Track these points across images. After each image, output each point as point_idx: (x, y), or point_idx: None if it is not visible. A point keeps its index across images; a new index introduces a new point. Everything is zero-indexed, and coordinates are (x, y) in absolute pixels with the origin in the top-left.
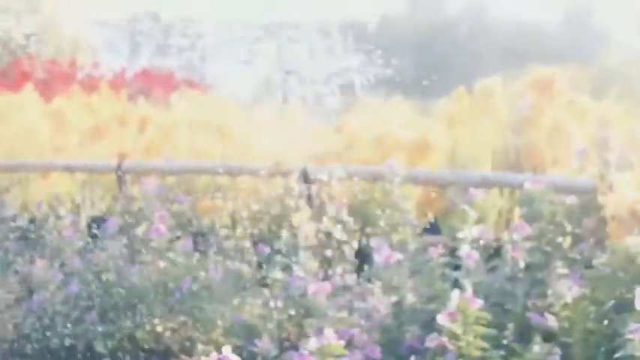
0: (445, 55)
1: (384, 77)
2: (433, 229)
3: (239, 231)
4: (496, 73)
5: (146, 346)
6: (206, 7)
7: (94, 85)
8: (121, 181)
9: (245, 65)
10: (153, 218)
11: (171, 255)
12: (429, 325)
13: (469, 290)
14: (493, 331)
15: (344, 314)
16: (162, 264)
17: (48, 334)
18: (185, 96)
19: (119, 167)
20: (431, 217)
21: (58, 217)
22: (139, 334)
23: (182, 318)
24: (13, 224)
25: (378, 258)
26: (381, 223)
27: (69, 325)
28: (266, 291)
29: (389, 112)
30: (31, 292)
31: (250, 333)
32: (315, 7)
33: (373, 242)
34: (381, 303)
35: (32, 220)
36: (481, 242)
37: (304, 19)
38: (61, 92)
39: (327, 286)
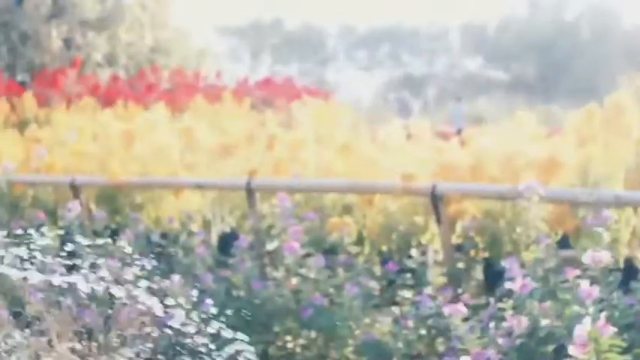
0: (566, 58)
1: (504, 80)
2: (563, 246)
3: (367, 248)
4: (620, 78)
5: None
6: (328, 13)
7: (217, 95)
8: (250, 198)
9: (365, 70)
10: (284, 235)
11: (303, 271)
12: (563, 349)
13: (601, 317)
14: (628, 359)
15: (477, 335)
16: (294, 280)
17: (182, 351)
18: (306, 104)
19: (248, 185)
20: (560, 234)
21: (190, 234)
22: (270, 351)
23: (313, 334)
24: (146, 240)
25: (509, 279)
26: (512, 241)
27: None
28: (396, 309)
29: (515, 125)
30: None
31: (380, 351)
32: (435, 11)
33: (505, 262)
34: (517, 324)
35: (164, 236)
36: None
37: (424, 23)
38: (185, 102)
39: (460, 307)
